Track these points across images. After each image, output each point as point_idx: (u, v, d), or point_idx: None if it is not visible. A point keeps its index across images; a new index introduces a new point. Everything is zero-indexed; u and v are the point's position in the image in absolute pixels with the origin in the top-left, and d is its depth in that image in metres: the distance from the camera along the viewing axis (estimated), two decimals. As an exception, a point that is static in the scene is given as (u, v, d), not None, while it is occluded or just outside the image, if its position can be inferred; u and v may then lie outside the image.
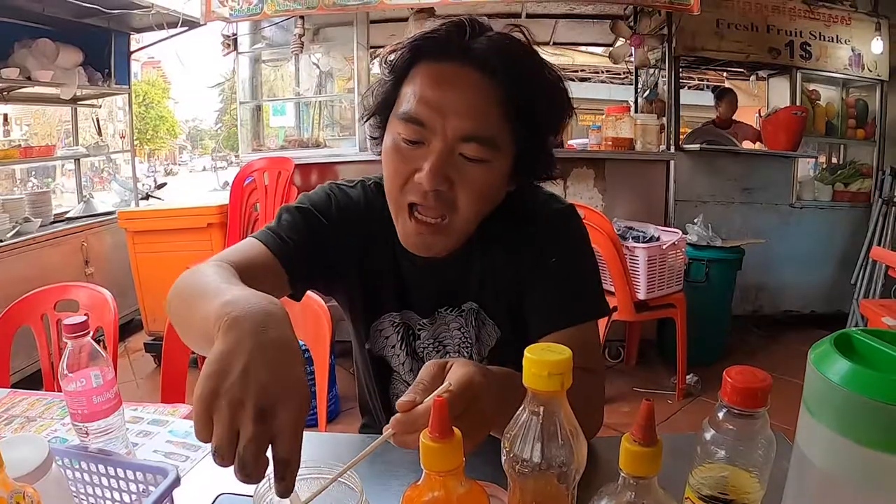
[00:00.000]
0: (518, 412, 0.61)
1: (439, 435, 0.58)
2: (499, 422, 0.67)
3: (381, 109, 1.04)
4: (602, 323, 3.58)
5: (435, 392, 0.71)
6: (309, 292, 1.19)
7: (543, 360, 0.58)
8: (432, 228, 0.99)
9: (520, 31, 1.01)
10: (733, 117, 5.18)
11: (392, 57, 1.01)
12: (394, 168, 0.99)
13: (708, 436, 0.64)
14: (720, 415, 0.64)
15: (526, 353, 0.59)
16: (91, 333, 0.97)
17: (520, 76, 0.95)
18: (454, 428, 0.59)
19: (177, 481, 0.80)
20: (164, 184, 6.34)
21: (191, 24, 4.85)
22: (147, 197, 5.60)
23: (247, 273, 0.91)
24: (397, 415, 0.69)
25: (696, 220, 4.04)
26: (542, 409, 0.59)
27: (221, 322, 0.65)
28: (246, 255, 1.01)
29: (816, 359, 0.58)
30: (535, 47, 1.01)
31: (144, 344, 4.19)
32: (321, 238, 1.10)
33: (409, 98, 0.96)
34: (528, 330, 1.08)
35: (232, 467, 0.59)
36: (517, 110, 0.96)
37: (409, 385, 0.76)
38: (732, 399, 0.62)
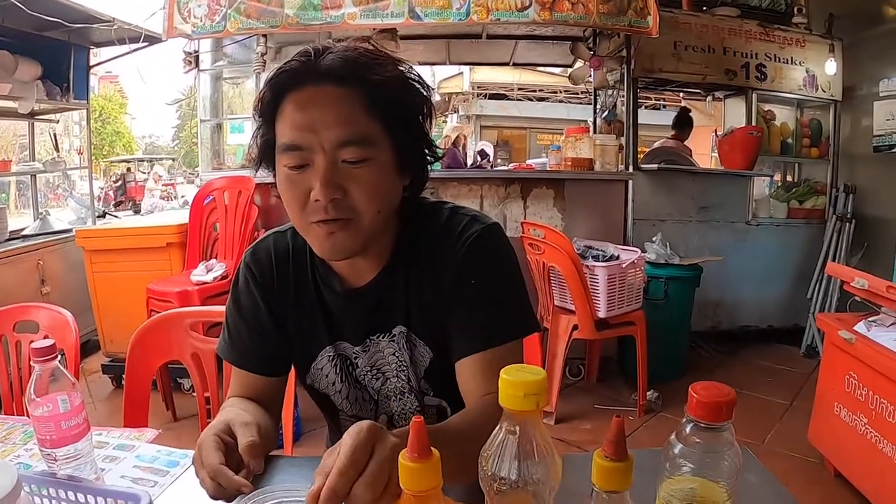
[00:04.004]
0: (495, 432, 0.63)
1: (418, 455, 0.60)
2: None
3: (266, 153, 1.08)
4: (563, 341, 3.56)
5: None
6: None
7: (519, 380, 0.60)
8: (340, 224, 1.01)
9: (365, 41, 1.08)
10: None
11: (259, 103, 1.06)
12: (290, 196, 1.03)
13: (676, 449, 0.66)
14: (687, 429, 0.66)
15: (502, 374, 0.61)
16: (58, 357, 0.96)
17: (367, 75, 1.01)
18: (432, 448, 0.61)
19: (150, 506, 0.80)
20: (122, 201, 6.24)
21: (152, 39, 4.79)
22: (104, 214, 5.50)
23: (250, 396, 1.18)
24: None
25: (654, 239, 4.11)
26: (518, 428, 0.61)
27: None
28: (240, 385, 1.21)
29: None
30: (384, 50, 1.08)
31: (102, 366, 4.08)
32: (260, 324, 1.21)
33: (284, 131, 1.02)
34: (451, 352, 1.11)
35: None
36: (376, 105, 1.01)
37: (354, 420, 0.81)
38: (698, 413, 0.64)
